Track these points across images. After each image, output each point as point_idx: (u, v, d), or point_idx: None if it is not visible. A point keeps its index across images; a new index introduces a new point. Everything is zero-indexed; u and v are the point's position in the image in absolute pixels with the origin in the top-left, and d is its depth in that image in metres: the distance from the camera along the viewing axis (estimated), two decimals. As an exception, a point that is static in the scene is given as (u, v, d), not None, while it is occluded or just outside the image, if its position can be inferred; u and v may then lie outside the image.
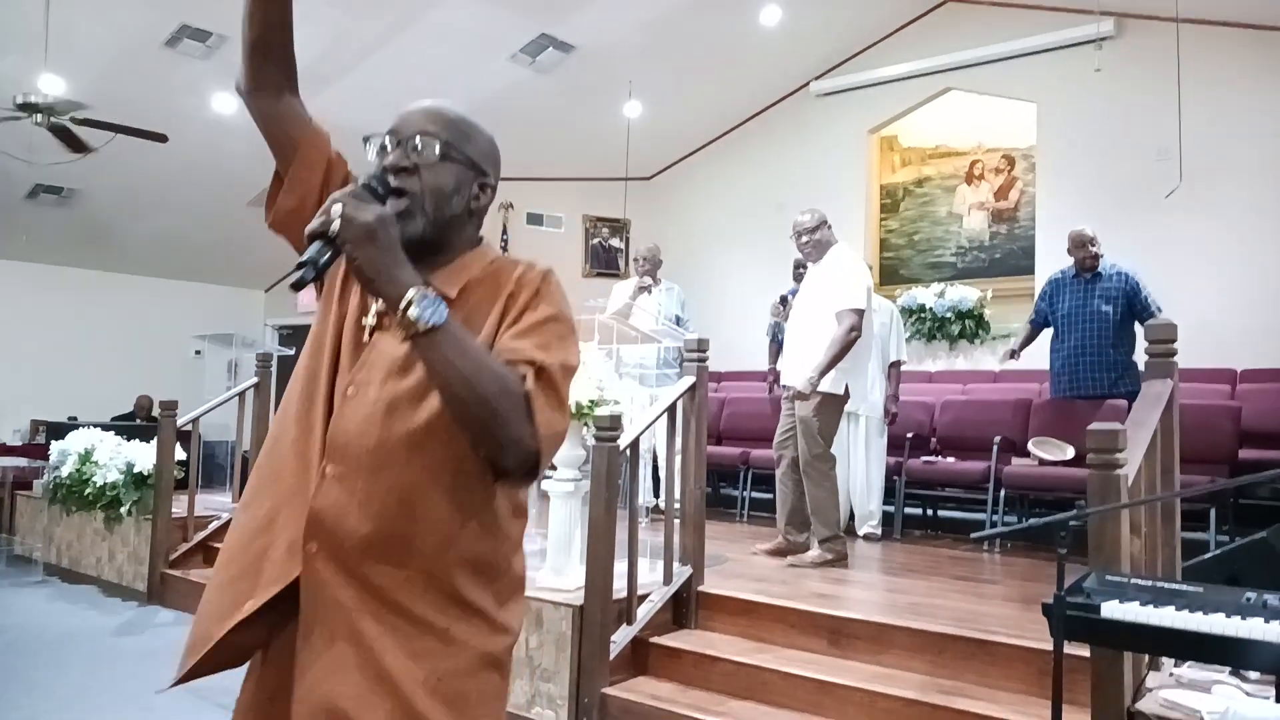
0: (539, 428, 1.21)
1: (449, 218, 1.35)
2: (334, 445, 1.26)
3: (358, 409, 1.26)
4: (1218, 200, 6.97)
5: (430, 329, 1.13)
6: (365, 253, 1.14)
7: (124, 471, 5.84)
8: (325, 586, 1.22)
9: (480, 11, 7.21)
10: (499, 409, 1.18)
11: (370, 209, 1.16)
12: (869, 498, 5.65)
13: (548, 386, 1.23)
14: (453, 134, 1.36)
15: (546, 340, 1.28)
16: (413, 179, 1.31)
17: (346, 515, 1.23)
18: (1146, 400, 2.90)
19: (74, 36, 6.51)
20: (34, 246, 9.53)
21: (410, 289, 1.14)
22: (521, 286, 1.32)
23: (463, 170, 1.36)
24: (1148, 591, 1.98)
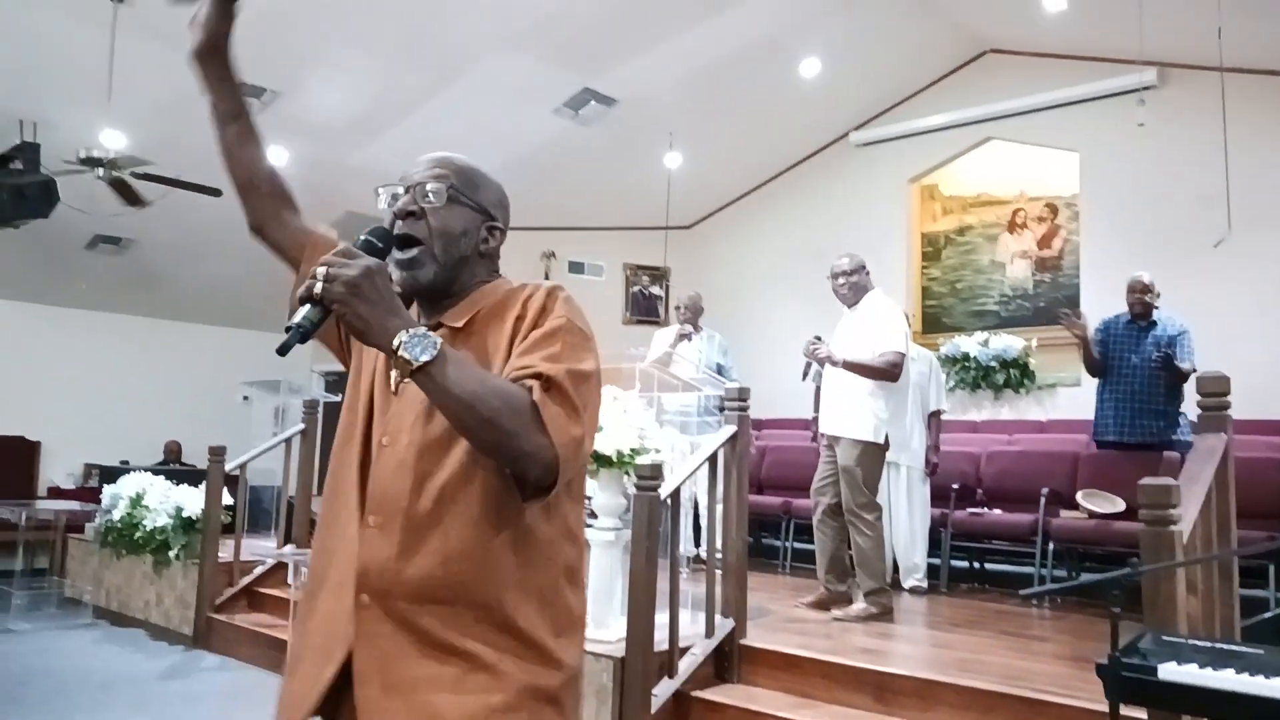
0: (552, 435, 1.21)
1: (458, 259, 1.39)
2: (373, 496, 1.30)
3: (391, 458, 1.30)
4: (1268, 249, 6.86)
5: (424, 364, 1.16)
6: (352, 308, 1.16)
7: (173, 516, 5.94)
8: (377, 637, 1.25)
9: (524, 66, 7.38)
10: (507, 425, 1.19)
11: (355, 264, 1.17)
12: (913, 549, 5.57)
13: (556, 394, 1.24)
14: (459, 179, 1.41)
15: (554, 350, 1.29)
16: (420, 224, 1.37)
17: (390, 563, 1.25)
18: (1200, 454, 2.85)
19: (135, 91, 6.75)
20: (91, 294, 9.81)
21: (399, 332, 1.16)
22: (528, 307, 1.35)
23: (470, 214, 1.41)
24: (1206, 653, 1.92)
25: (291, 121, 7.63)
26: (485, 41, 7.08)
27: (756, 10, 7.16)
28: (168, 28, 6.43)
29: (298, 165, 8.20)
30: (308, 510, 6.07)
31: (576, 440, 1.25)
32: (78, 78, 6.67)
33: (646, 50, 7.49)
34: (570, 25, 7.04)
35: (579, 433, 1.26)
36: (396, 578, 1.25)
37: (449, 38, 6.98)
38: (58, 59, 6.64)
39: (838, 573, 4.72)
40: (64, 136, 6.81)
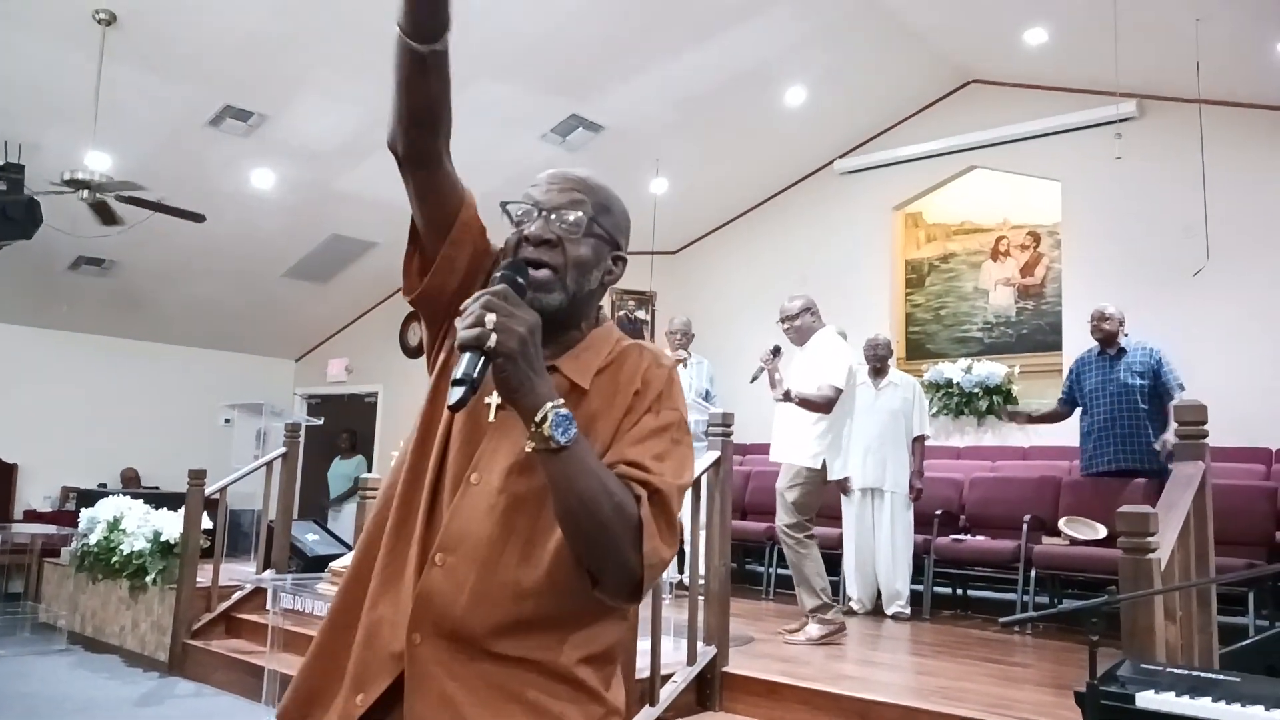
0: (645, 556, 1.17)
1: (587, 291, 1.32)
2: (450, 533, 1.23)
3: (480, 499, 1.23)
4: (1246, 279, 6.94)
5: (560, 447, 1.12)
6: (515, 365, 1.11)
7: (150, 540, 5.87)
8: (431, 679, 1.19)
9: (512, 93, 7.42)
10: (612, 533, 1.16)
11: (522, 318, 1.12)
12: (895, 576, 5.57)
13: (660, 511, 1.19)
14: (596, 206, 1.33)
15: (664, 451, 1.24)
16: (555, 252, 1.29)
17: (455, 605, 1.19)
18: (1178, 482, 2.87)
19: (121, 115, 6.76)
20: (73, 316, 9.76)
21: (547, 403, 1.11)
22: (648, 384, 1.29)
23: (601, 244, 1.33)
24: (1184, 681, 1.93)
25: (280, 145, 7.65)
26: (473, 67, 7.12)
27: (742, 40, 7.24)
28: (155, 53, 6.47)
29: (285, 188, 8.23)
30: (288, 535, 6.02)
31: (664, 563, 1.21)
32: (64, 100, 6.67)
33: (634, 78, 7.56)
34: (558, 52, 7.09)
35: (669, 555, 1.21)
36: (464, 622, 1.19)
37: (436, 63, 7.02)
38: (45, 81, 6.64)
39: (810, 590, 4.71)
40: (49, 158, 6.81)
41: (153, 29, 6.28)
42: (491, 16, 6.57)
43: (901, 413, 5.66)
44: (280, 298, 10.34)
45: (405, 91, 1.23)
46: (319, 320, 11.26)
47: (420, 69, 1.20)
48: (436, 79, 1.23)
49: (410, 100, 1.24)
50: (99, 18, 6.08)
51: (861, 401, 5.75)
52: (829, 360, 4.80)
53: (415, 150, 1.29)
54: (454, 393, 1.08)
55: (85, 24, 6.10)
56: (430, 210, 1.33)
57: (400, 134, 1.27)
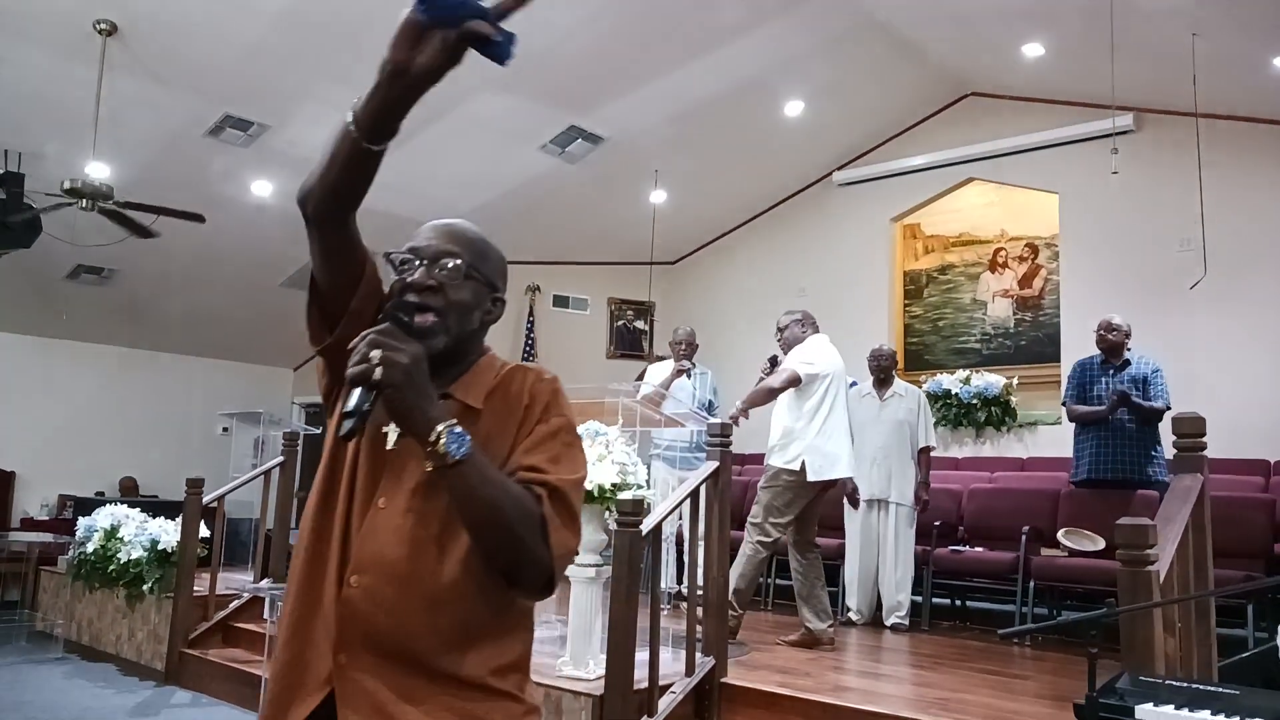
0: (553, 549, 1.28)
1: (469, 332, 1.42)
2: (362, 556, 1.30)
3: (387, 521, 1.31)
4: (1243, 291, 6.96)
5: (457, 462, 1.21)
6: (402, 394, 1.21)
7: (148, 549, 5.86)
8: (361, 694, 1.26)
9: (512, 105, 7.44)
10: (517, 533, 1.26)
11: (406, 350, 1.22)
12: (898, 588, 5.56)
13: (560, 507, 1.31)
14: (473, 254, 1.42)
15: (558, 453, 1.36)
16: (437, 296, 1.37)
17: (375, 624, 1.27)
18: (1176, 495, 2.87)
19: (122, 124, 6.77)
20: (71, 324, 9.75)
21: (439, 424, 1.21)
22: (535, 397, 1.40)
23: (480, 287, 1.43)
24: (1183, 693, 1.93)
25: (278, 155, 7.66)
26: (473, 79, 7.14)
27: (742, 51, 7.27)
28: (156, 63, 6.49)
29: (283, 198, 8.22)
30: (286, 544, 6.01)
31: (572, 551, 1.33)
32: (65, 110, 6.68)
33: (633, 89, 7.58)
34: (558, 64, 7.11)
35: (574, 545, 1.34)
36: (384, 641, 1.27)
37: (437, 74, 7.04)
38: (45, 91, 6.65)
39: (816, 611, 4.71)
40: (50, 168, 6.81)
41: (153, 39, 6.30)
42: (492, 28, 6.59)
43: (907, 423, 5.65)
44: (279, 307, 10.32)
45: (342, 174, 1.29)
46: (318, 329, 11.24)
47: (363, 162, 1.28)
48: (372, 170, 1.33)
49: (344, 182, 1.32)
50: (100, 28, 6.10)
51: (866, 412, 5.75)
52: (797, 353, 4.93)
53: (329, 216, 1.36)
54: (344, 425, 1.19)
55: (86, 34, 6.12)
56: (335, 267, 1.40)
57: (320, 201, 1.33)
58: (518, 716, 1.33)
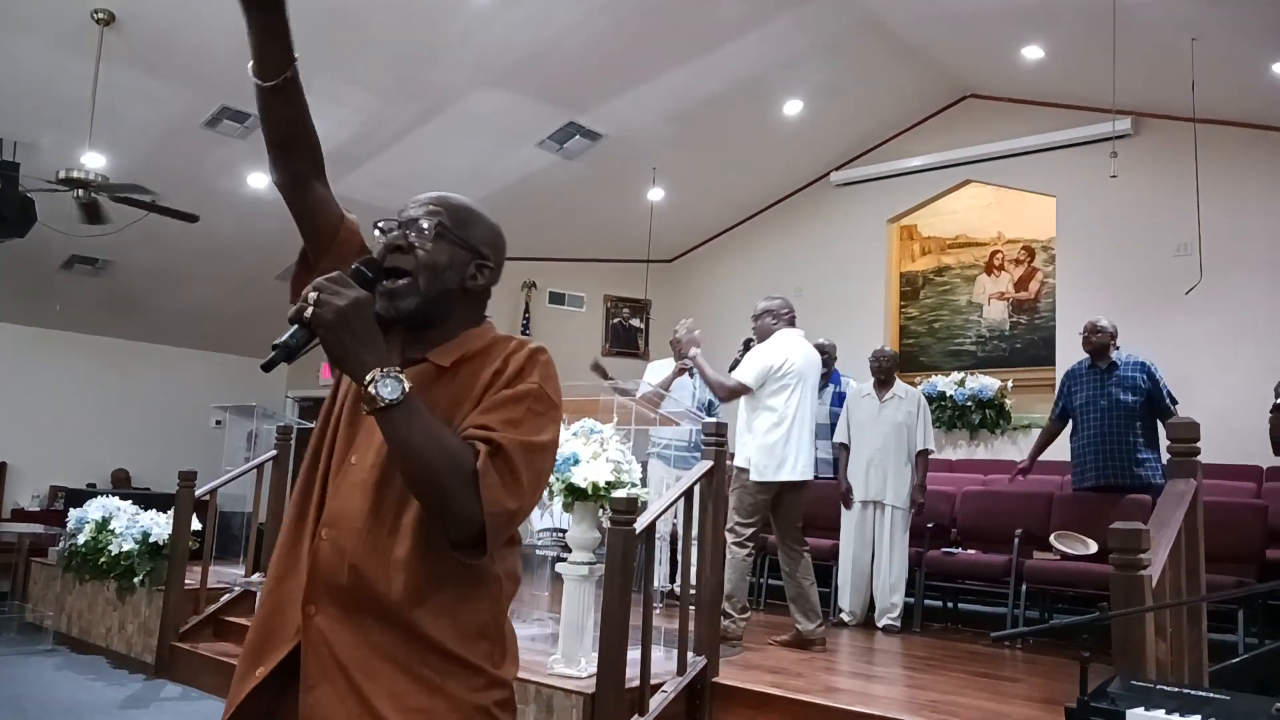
0: (484, 505, 1.24)
1: (441, 292, 1.41)
2: (330, 510, 1.34)
3: (354, 475, 1.35)
4: (1238, 296, 6.97)
5: (387, 405, 1.20)
6: (335, 335, 1.22)
7: (139, 541, 5.84)
8: (324, 646, 1.29)
9: (510, 101, 7.43)
10: (444, 484, 1.23)
11: (345, 294, 1.23)
12: (892, 590, 5.56)
13: (502, 464, 1.27)
14: (450, 217, 1.45)
15: (516, 416, 1.32)
16: (408, 257, 1.40)
17: (339, 576, 1.30)
18: (1169, 499, 2.87)
19: (118, 115, 6.75)
20: (65, 315, 9.72)
21: (374, 368, 1.21)
22: (509, 363, 1.38)
23: (457, 250, 1.44)
24: (1174, 698, 1.92)
25: (275, 147, 7.63)
26: (472, 75, 7.13)
27: (741, 51, 7.26)
28: (153, 52, 6.46)
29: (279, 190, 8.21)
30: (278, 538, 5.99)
31: (509, 513, 1.28)
32: (61, 100, 6.65)
33: (632, 87, 7.57)
34: (557, 61, 7.10)
35: (514, 506, 1.28)
36: (346, 592, 1.29)
37: (436, 71, 7.03)
38: (42, 81, 6.62)
39: (803, 611, 4.70)
40: (46, 157, 6.79)
41: (151, 30, 6.27)
42: (490, 26, 6.58)
43: (905, 425, 5.64)
44: (274, 300, 10.29)
45: (263, 122, 1.38)
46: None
47: (268, 101, 1.35)
48: (286, 107, 1.38)
49: (268, 130, 1.40)
50: (97, 18, 6.07)
51: (865, 413, 5.75)
52: (750, 357, 4.87)
53: (284, 175, 1.44)
54: (269, 357, 1.22)
55: (83, 24, 6.09)
56: (309, 229, 1.47)
57: (271, 161, 1.42)
58: (478, 689, 1.32)
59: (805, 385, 4.78)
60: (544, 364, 1.40)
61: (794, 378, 4.72)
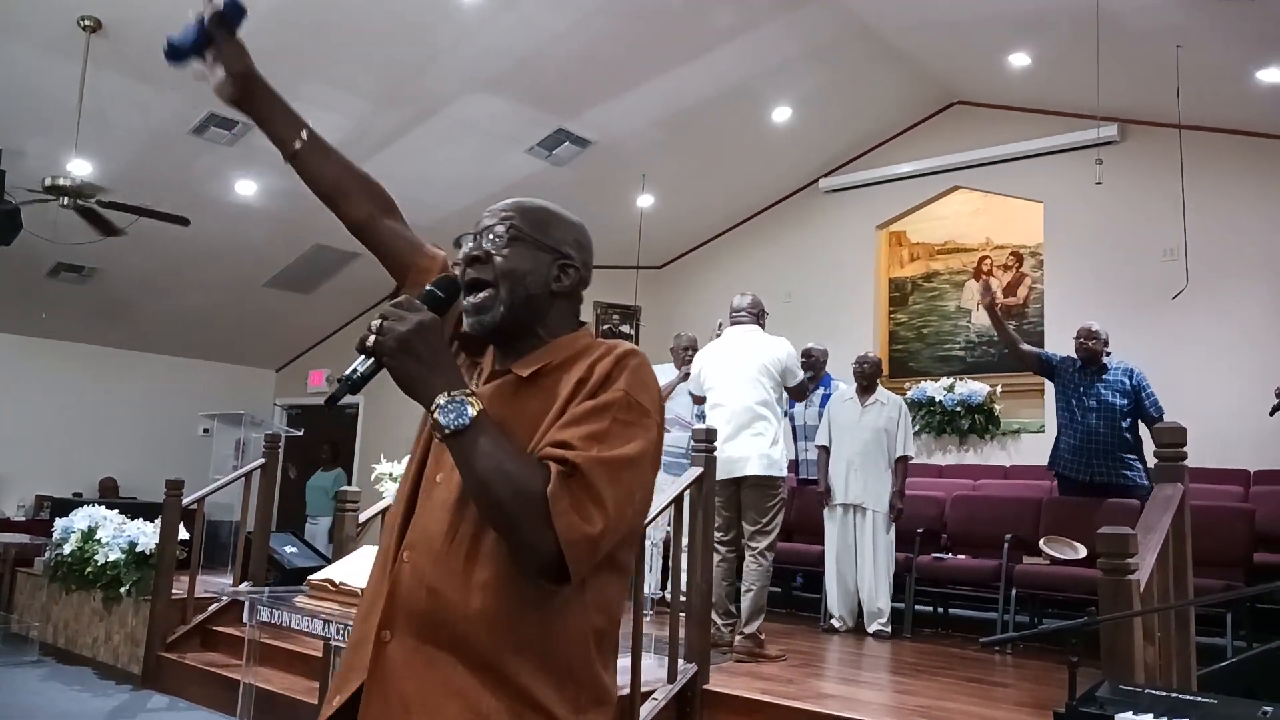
0: (559, 532, 1.14)
1: (525, 298, 1.34)
2: (414, 531, 1.29)
3: (438, 496, 1.29)
4: (1224, 301, 7.02)
5: (454, 433, 1.17)
6: (399, 362, 1.19)
7: (126, 550, 5.80)
8: (390, 680, 1.22)
9: (499, 107, 7.43)
10: (510, 513, 1.16)
11: (409, 318, 1.20)
12: (877, 594, 5.56)
13: (578, 486, 1.17)
14: (525, 220, 1.39)
15: (599, 429, 1.22)
16: (486, 267, 1.35)
17: (416, 601, 1.24)
18: (1157, 504, 2.88)
19: (105, 122, 6.72)
20: (52, 323, 9.67)
21: (440, 394, 1.18)
22: (595, 370, 1.28)
23: (537, 252, 1.37)
24: (1162, 702, 1.93)
25: (263, 154, 7.60)
26: (461, 81, 7.13)
27: (729, 57, 7.28)
28: (140, 59, 6.43)
29: (268, 197, 8.20)
30: (266, 546, 5.96)
31: (589, 538, 1.16)
32: (47, 107, 6.62)
33: (621, 93, 7.58)
34: (546, 67, 7.11)
35: (594, 531, 1.16)
36: (418, 618, 1.23)
37: (425, 77, 7.03)
38: (28, 88, 6.59)
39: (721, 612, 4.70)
40: (32, 165, 6.75)
41: (138, 36, 6.25)
42: (480, 32, 6.58)
43: (886, 431, 5.66)
44: (262, 307, 10.28)
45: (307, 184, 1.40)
46: (301, 330, 11.20)
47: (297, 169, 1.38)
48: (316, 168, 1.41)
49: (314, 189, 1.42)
50: (84, 24, 6.05)
51: (847, 418, 5.76)
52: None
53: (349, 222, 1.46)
54: (332, 390, 1.22)
55: (70, 30, 6.07)
56: (388, 265, 1.48)
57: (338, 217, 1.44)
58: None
59: (723, 380, 4.87)
60: (634, 368, 1.29)
61: (709, 379, 4.91)
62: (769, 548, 4.70)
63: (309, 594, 3.25)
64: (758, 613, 4.62)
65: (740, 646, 4.54)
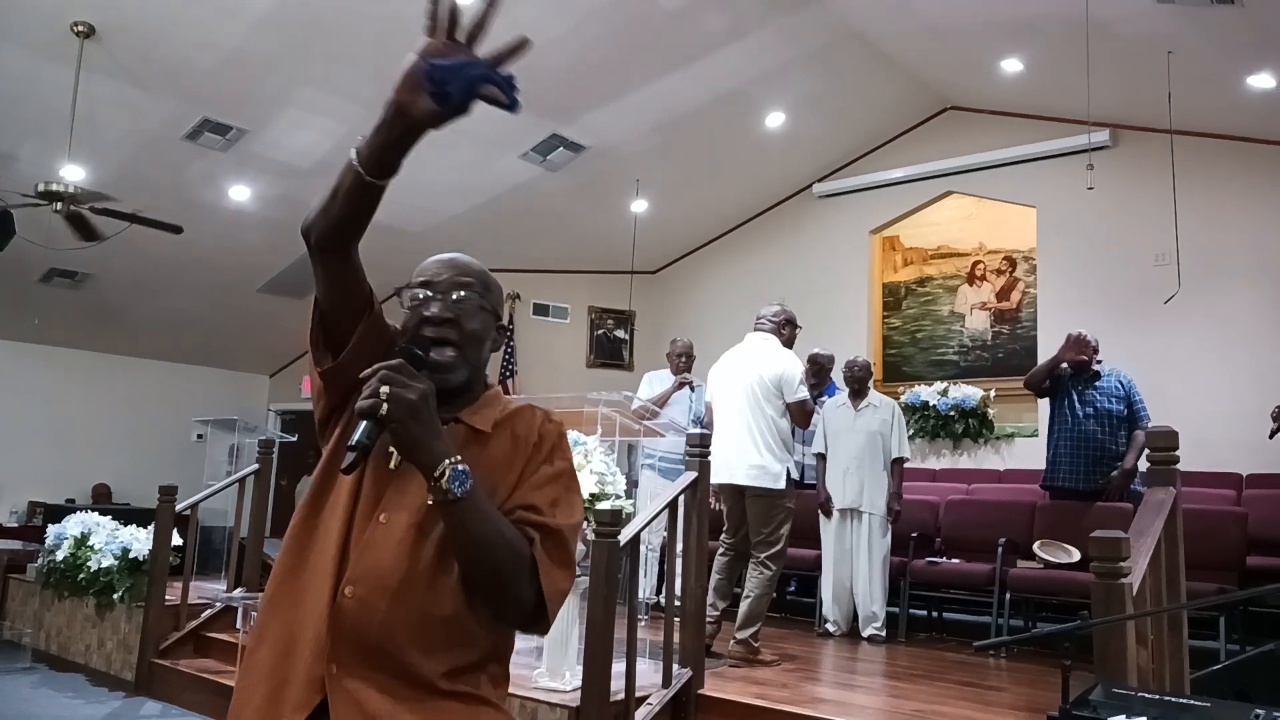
0: (545, 590, 1.32)
1: (480, 361, 1.48)
2: (359, 567, 1.32)
3: (388, 536, 1.33)
4: (1216, 306, 7.05)
5: (457, 498, 1.24)
6: (408, 429, 1.24)
7: (118, 557, 5.78)
8: (350, 704, 1.27)
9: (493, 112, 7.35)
10: (506, 575, 1.30)
11: (415, 386, 1.25)
12: (872, 598, 5.56)
13: (555, 548, 1.35)
14: (481, 285, 1.48)
15: (558, 496, 1.39)
16: (454, 329, 1.42)
17: (368, 635, 1.29)
18: (1149, 508, 2.89)
19: (98, 127, 6.71)
20: (45, 329, 9.64)
21: (444, 460, 1.24)
22: (544, 437, 1.44)
23: (489, 317, 1.48)
24: (1155, 706, 1.94)
25: (257, 159, 7.62)
26: (454, 85, 7.13)
27: (723, 63, 7.30)
28: (133, 64, 6.44)
29: (261, 203, 8.19)
30: (259, 552, 5.95)
31: (563, 593, 1.35)
32: (41, 112, 6.62)
33: (615, 98, 7.59)
34: (540, 73, 7.10)
35: (565, 586, 1.36)
36: (374, 651, 1.28)
37: (418, 81, 7.02)
38: (21, 93, 6.58)
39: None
40: (25, 170, 6.74)
41: (132, 42, 6.25)
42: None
43: (880, 434, 5.67)
44: (256, 312, 10.26)
45: (345, 206, 1.34)
46: (295, 335, 11.15)
47: (365, 196, 1.33)
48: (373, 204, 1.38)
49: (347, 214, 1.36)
50: (77, 30, 6.04)
51: (841, 422, 5.77)
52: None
53: (332, 246, 1.40)
54: (347, 457, 1.23)
55: (63, 36, 6.06)
56: (339, 293, 1.44)
57: (324, 232, 1.37)
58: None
59: (725, 390, 4.88)
60: (566, 437, 1.48)
61: (714, 383, 4.99)
62: (771, 558, 4.71)
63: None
64: (752, 619, 4.62)
65: (734, 651, 4.55)
